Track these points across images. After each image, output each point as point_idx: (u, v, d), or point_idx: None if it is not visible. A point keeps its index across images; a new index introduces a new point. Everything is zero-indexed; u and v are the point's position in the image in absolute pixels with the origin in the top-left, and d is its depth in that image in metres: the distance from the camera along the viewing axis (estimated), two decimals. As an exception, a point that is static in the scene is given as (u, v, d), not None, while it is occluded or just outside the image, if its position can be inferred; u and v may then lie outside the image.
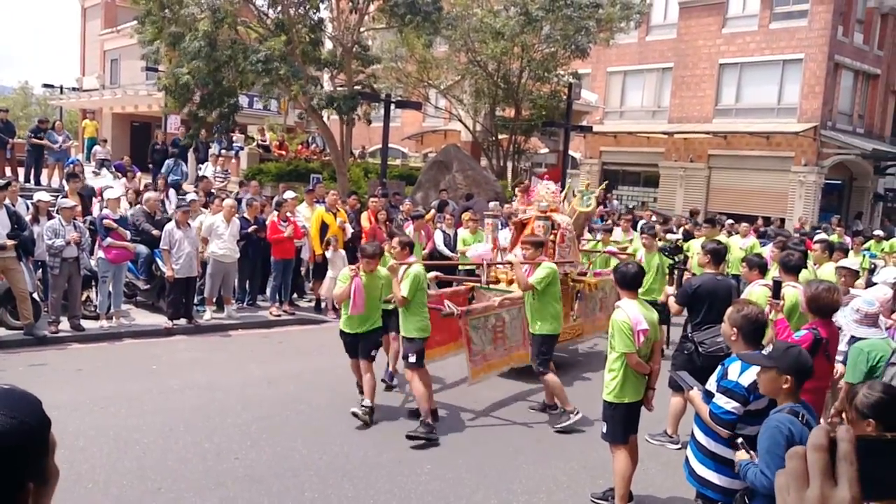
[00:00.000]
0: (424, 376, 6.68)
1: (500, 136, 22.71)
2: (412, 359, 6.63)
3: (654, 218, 16.96)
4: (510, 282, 8.66)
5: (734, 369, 3.84)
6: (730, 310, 4.06)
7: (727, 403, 3.75)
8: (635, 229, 13.93)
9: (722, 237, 12.52)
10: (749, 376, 3.72)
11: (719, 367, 4.04)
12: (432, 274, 7.77)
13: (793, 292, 6.09)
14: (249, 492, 5.20)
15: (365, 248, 6.92)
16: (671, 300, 6.96)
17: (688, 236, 14.19)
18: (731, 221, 17.38)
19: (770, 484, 3.24)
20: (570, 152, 23.70)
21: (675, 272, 12.16)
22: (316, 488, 5.30)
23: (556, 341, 7.18)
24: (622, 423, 5.11)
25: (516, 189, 15.81)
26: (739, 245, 12.60)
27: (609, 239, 11.96)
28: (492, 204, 14.14)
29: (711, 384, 3.97)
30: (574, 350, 9.98)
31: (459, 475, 5.77)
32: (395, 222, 12.36)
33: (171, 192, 15.12)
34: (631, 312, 5.17)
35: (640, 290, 7.93)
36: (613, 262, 10.26)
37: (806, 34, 23.74)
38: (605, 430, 5.16)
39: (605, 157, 29.47)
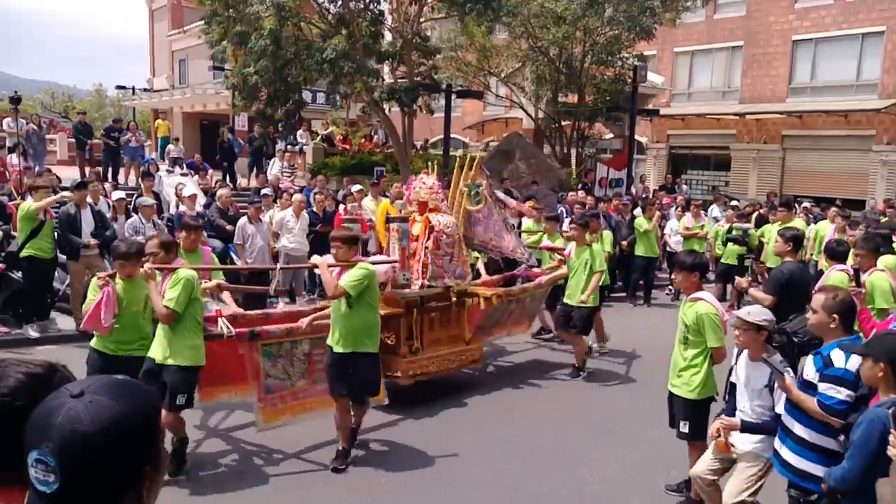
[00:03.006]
0: (178, 421, 5.16)
1: (563, 123, 22.37)
2: (181, 399, 5.05)
3: (732, 203, 16.44)
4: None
5: (837, 357, 3.68)
6: (822, 297, 3.88)
7: (838, 392, 3.61)
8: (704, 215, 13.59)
9: (798, 222, 12.05)
10: (855, 361, 3.58)
11: (811, 356, 3.88)
12: (213, 283, 6.01)
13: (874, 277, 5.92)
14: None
15: (118, 247, 5.40)
16: (757, 291, 6.73)
17: (762, 221, 13.72)
18: (806, 205, 16.73)
19: (847, 474, 3.23)
20: (637, 137, 23.15)
21: (745, 262, 11.80)
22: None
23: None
24: (705, 419, 4.97)
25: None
26: (821, 230, 12.08)
27: (554, 229, 10.04)
28: (398, 202, 11.94)
29: (809, 374, 3.81)
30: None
31: (530, 462, 5.73)
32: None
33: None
34: (716, 302, 5.01)
35: (567, 292, 7.96)
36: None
37: (888, 4, 22.49)
38: (686, 429, 4.98)
39: (673, 140, 28.73)
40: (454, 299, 7.43)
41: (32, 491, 1.21)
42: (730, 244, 12.26)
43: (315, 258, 6.21)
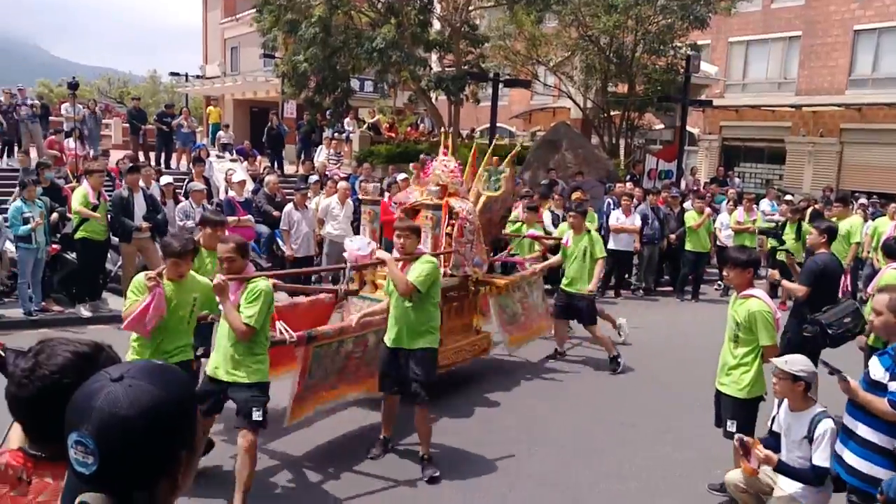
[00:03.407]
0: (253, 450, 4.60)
1: (612, 113, 22.03)
2: (258, 415, 4.58)
3: (788, 197, 16.00)
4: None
5: None
6: (886, 298, 3.78)
7: None
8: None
9: (855, 218, 11.68)
10: None
11: (877, 357, 3.76)
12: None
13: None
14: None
15: (170, 244, 4.75)
16: (790, 284, 6.69)
17: (816, 217, 13.33)
18: (863, 200, 16.18)
19: None
20: (688, 128, 22.67)
21: (776, 255, 11.48)
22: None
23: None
24: (754, 419, 4.86)
25: (411, 166, 13.36)
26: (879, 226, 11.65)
27: (533, 219, 10.16)
28: (371, 185, 12.28)
29: (877, 375, 3.68)
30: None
31: (569, 457, 5.69)
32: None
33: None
34: (769, 300, 4.88)
35: (564, 281, 7.54)
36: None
37: (956, -7, 21.64)
38: (733, 428, 4.86)
39: (726, 132, 28.08)
40: (472, 289, 7.21)
41: (71, 471, 1.23)
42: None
43: (381, 253, 5.68)
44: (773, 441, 4.32)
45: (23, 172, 11.24)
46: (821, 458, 4.00)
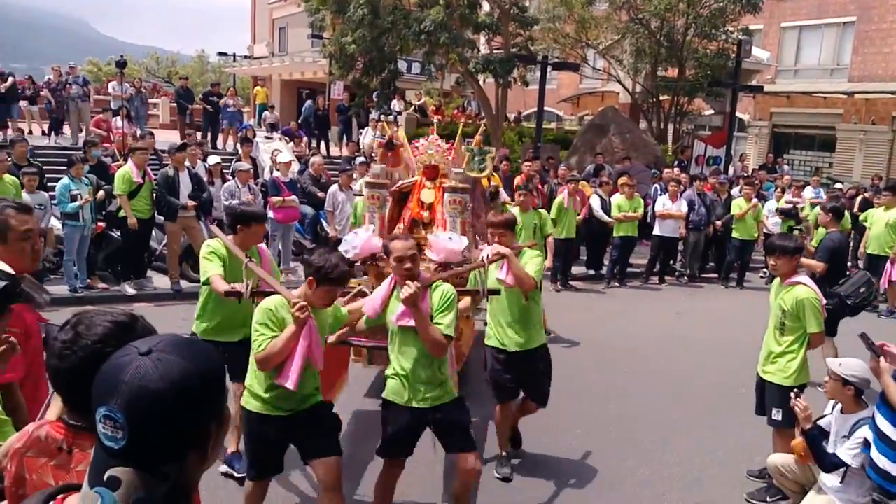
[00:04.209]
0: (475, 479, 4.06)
1: (661, 98, 21.77)
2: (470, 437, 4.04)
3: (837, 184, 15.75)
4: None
5: None
6: None
7: None
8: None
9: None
10: None
11: None
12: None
13: None
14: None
15: (335, 267, 3.60)
16: (809, 261, 7.13)
17: (866, 205, 13.12)
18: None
19: None
20: (738, 114, 22.32)
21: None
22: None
23: None
24: None
25: (375, 144, 10.74)
26: None
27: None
28: (361, 175, 10.66)
29: None
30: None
31: (610, 446, 5.76)
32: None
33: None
34: (815, 287, 4.88)
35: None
36: None
37: None
38: (778, 416, 4.88)
39: (776, 118, 27.53)
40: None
41: (99, 446, 1.21)
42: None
43: (500, 248, 4.73)
44: (819, 436, 4.34)
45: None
46: (844, 453, 4.00)
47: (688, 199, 12.47)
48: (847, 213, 11.32)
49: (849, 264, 10.44)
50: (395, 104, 21.56)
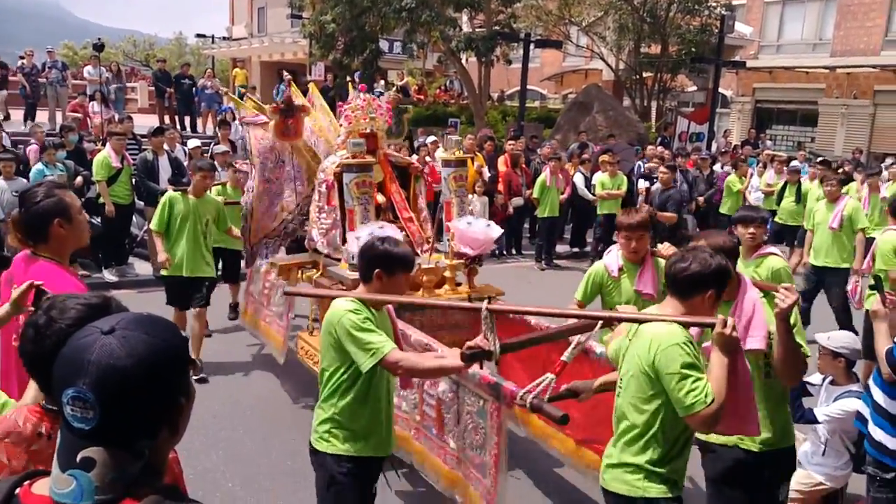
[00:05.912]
0: None
1: (644, 75, 21.71)
2: None
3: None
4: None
5: None
6: None
7: None
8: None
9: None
10: None
11: None
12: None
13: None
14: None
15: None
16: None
17: (846, 179, 13.11)
18: (890, 161, 15.95)
19: None
20: (721, 90, 22.32)
21: None
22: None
23: None
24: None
25: (269, 110, 8.81)
26: None
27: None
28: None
29: None
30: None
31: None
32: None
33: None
34: (784, 257, 4.85)
35: None
36: None
37: None
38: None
39: (759, 94, 27.56)
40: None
41: (66, 430, 1.20)
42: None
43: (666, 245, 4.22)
44: (801, 390, 4.28)
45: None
46: (819, 411, 3.99)
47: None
48: (802, 187, 11.38)
49: None
50: (377, 85, 21.34)
